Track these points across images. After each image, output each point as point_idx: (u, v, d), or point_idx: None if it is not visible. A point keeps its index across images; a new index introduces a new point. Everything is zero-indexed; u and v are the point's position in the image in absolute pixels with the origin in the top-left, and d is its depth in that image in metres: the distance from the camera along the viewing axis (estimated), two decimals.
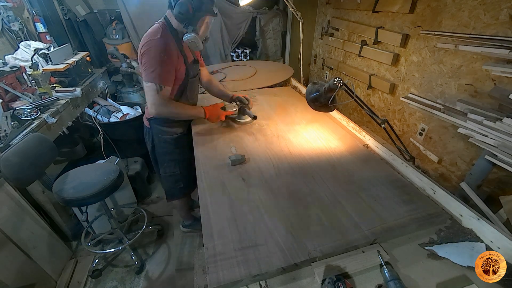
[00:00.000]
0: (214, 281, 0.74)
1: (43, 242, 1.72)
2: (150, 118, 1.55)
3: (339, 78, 1.10)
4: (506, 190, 1.44)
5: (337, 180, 1.12)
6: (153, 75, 1.27)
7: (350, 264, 0.80)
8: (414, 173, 1.12)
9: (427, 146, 1.89)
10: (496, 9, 1.34)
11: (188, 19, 1.24)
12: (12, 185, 1.55)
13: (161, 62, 1.27)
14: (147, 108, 1.54)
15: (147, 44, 1.26)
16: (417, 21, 1.79)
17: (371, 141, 1.39)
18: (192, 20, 1.25)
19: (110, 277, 1.89)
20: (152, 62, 1.26)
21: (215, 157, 1.29)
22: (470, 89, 1.53)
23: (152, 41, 1.25)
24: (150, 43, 1.26)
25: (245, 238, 0.87)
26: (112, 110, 2.66)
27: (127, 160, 2.51)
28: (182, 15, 1.22)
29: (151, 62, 1.26)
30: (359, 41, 2.36)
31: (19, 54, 2.21)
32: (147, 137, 1.68)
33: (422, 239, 0.89)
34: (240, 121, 1.62)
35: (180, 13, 1.21)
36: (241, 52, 3.27)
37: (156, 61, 1.26)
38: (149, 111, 1.40)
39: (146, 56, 1.26)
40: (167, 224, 2.27)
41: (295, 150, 1.34)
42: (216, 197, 1.04)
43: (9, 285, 1.42)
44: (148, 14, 2.78)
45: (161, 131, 1.58)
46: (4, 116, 1.57)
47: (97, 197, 1.58)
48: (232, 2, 2.97)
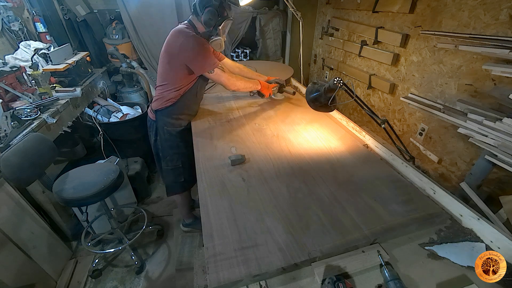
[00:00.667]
0: (214, 281, 0.74)
1: (43, 242, 1.72)
2: (157, 109, 1.61)
3: (339, 78, 1.10)
4: (506, 190, 1.44)
5: (337, 180, 1.12)
6: (211, 62, 1.47)
7: (350, 264, 0.80)
8: (414, 173, 1.12)
9: (427, 146, 1.89)
10: (496, 9, 1.34)
11: (213, 24, 1.41)
12: (12, 185, 1.55)
13: (208, 51, 1.47)
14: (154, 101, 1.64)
15: (188, 40, 1.40)
16: (417, 21, 1.79)
17: (371, 141, 1.39)
18: (216, 25, 1.42)
19: (110, 277, 1.89)
20: (203, 53, 1.44)
21: (215, 157, 1.29)
22: (470, 89, 1.53)
23: (191, 36, 1.41)
24: (190, 39, 1.40)
25: (245, 238, 0.87)
26: (112, 110, 2.66)
27: (127, 160, 2.51)
28: (211, 20, 1.39)
29: (203, 54, 1.44)
30: (359, 41, 2.36)
31: (19, 54, 2.21)
32: (151, 129, 1.74)
33: (422, 239, 0.89)
34: (275, 98, 1.95)
35: (210, 19, 1.38)
36: (241, 52, 3.26)
37: (205, 51, 1.45)
38: (231, 88, 1.61)
39: (193, 50, 1.42)
40: (167, 224, 2.27)
41: (295, 150, 1.34)
42: (216, 197, 1.04)
43: (9, 285, 1.42)
44: (148, 14, 2.77)
45: (166, 123, 1.63)
46: (4, 116, 1.57)
47: (97, 197, 1.58)
48: (232, 2, 2.97)
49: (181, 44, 1.41)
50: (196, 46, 1.43)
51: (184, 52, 1.43)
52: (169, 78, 1.54)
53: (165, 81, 1.56)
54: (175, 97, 1.56)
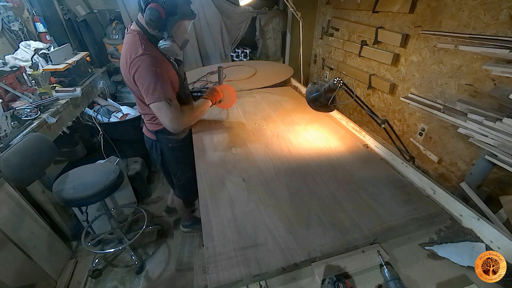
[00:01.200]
0: (214, 281, 0.74)
1: (43, 242, 1.72)
2: (156, 130, 1.46)
3: (339, 78, 1.10)
4: (506, 190, 1.44)
5: (337, 180, 1.12)
6: (157, 93, 1.16)
7: (350, 264, 0.80)
8: (414, 173, 1.12)
9: (427, 146, 1.89)
10: (496, 9, 1.34)
11: (161, 25, 1.12)
12: (12, 185, 1.55)
13: (158, 76, 1.15)
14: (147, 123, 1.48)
15: (134, 62, 1.14)
16: (417, 21, 1.79)
17: (371, 141, 1.39)
18: (166, 25, 1.13)
19: (110, 277, 1.88)
20: (149, 80, 1.15)
21: (215, 157, 1.29)
22: (470, 89, 1.53)
23: (138, 58, 1.13)
24: (137, 62, 1.13)
25: (245, 238, 0.87)
26: (112, 110, 2.66)
27: (127, 160, 2.51)
28: (153, 22, 1.09)
29: (148, 81, 1.15)
30: (359, 41, 2.36)
31: (19, 54, 2.21)
32: (154, 150, 1.58)
33: (422, 239, 0.89)
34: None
35: (151, 20, 1.08)
36: (241, 52, 3.26)
37: (152, 78, 1.14)
38: (172, 128, 1.26)
39: (140, 75, 1.15)
40: (167, 224, 2.27)
41: (295, 150, 1.34)
42: (216, 197, 1.04)
43: (9, 285, 1.42)
44: None
45: (170, 141, 1.50)
46: (4, 116, 1.57)
47: (97, 197, 1.58)
48: (232, 2, 2.97)
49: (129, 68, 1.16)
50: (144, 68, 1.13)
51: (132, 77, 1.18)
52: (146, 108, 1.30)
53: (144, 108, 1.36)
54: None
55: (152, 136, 1.52)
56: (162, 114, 1.21)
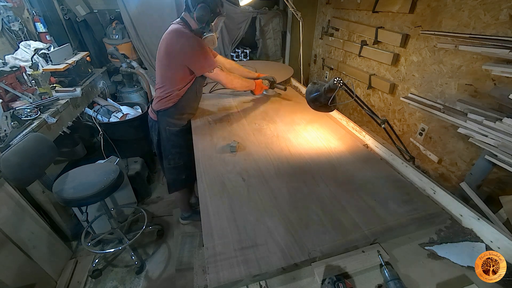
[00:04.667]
0: (214, 281, 0.74)
1: (43, 242, 1.72)
2: (159, 110, 1.63)
3: (339, 78, 1.10)
4: (506, 190, 1.44)
5: (337, 180, 1.12)
6: (211, 62, 1.50)
7: (350, 264, 0.80)
8: (414, 173, 1.12)
9: (427, 146, 1.89)
10: (496, 9, 1.34)
11: (206, 20, 1.42)
12: (12, 185, 1.55)
13: (206, 51, 1.49)
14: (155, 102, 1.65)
15: (188, 41, 1.42)
16: (417, 21, 1.79)
17: (371, 141, 1.39)
18: (209, 21, 1.43)
19: (110, 277, 1.89)
20: (203, 54, 1.47)
21: (215, 157, 1.29)
22: (470, 89, 1.53)
23: (190, 37, 1.43)
24: (190, 41, 1.43)
25: (245, 238, 0.87)
26: (112, 110, 2.66)
27: (127, 160, 2.51)
28: (204, 17, 1.40)
29: (203, 55, 1.47)
30: (359, 41, 2.36)
31: (19, 54, 2.21)
32: (153, 130, 1.76)
33: (422, 239, 0.89)
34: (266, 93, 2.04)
35: (203, 15, 1.40)
36: (241, 52, 3.26)
37: (203, 51, 1.46)
38: (228, 86, 1.65)
39: (194, 51, 1.44)
40: (167, 224, 2.27)
41: (295, 150, 1.34)
42: (216, 197, 1.04)
43: (9, 285, 1.42)
44: (148, 14, 2.78)
45: (169, 123, 1.66)
46: (4, 116, 1.57)
47: (97, 197, 1.58)
48: (232, 2, 2.97)
49: (181, 46, 1.43)
50: (196, 47, 1.45)
51: (184, 53, 1.44)
52: (169, 79, 1.56)
53: (164, 82, 1.58)
54: (176, 97, 1.58)
55: (154, 116, 1.70)
56: (219, 78, 1.58)
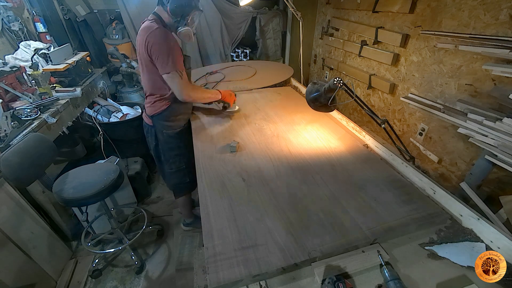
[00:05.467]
0: (214, 281, 0.74)
1: (43, 242, 1.72)
2: (153, 115, 1.57)
3: (339, 78, 1.10)
4: (506, 190, 1.44)
5: (337, 180, 1.12)
6: (171, 63, 1.33)
7: (350, 264, 0.80)
8: (414, 173, 1.12)
9: (427, 146, 1.89)
10: (496, 9, 1.34)
11: (181, 14, 1.34)
12: (12, 185, 1.55)
13: (172, 49, 1.33)
14: (147, 107, 1.59)
15: (151, 36, 1.30)
16: (417, 21, 1.79)
17: (371, 141, 1.39)
18: (183, 14, 1.35)
19: (110, 277, 1.88)
20: (164, 51, 1.31)
21: (215, 157, 1.29)
22: (470, 89, 1.53)
23: (154, 32, 1.30)
24: (154, 35, 1.30)
25: (245, 238, 0.87)
26: (112, 110, 2.66)
27: (127, 160, 2.51)
28: (177, 9, 1.32)
29: (164, 52, 1.32)
30: (359, 41, 2.36)
31: (19, 54, 2.21)
32: (150, 135, 1.70)
33: (422, 239, 0.89)
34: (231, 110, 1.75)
35: (176, 7, 1.31)
36: (241, 52, 3.27)
37: (168, 50, 1.32)
38: (180, 97, 1.44)
39: (156, 47, 1.31)
40: (167, 224, 2.27)
41: (295, 150, 1.34)
42: (216, 197, 1.04)
43: (9, 285, 1.42)
44: (148, 14, 2.77)
45: (165, 127, 1.60)
46: (4, 116, 1.57)
47: (97, 197, 1.58)
48: (232, 2, 2.97)
49: (147, 42, 1.31)
50: (160, 39, 1.30)
51: (150, 48, 1.32)
52: (153, 87, 1.49)
53: (150, 90, 1.52)
54: (166, 101, 1.53)
55: (148, 121, 1.64)
56: (174, 83, 1.39)
